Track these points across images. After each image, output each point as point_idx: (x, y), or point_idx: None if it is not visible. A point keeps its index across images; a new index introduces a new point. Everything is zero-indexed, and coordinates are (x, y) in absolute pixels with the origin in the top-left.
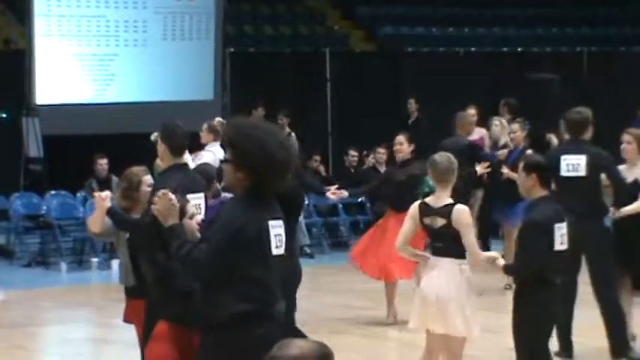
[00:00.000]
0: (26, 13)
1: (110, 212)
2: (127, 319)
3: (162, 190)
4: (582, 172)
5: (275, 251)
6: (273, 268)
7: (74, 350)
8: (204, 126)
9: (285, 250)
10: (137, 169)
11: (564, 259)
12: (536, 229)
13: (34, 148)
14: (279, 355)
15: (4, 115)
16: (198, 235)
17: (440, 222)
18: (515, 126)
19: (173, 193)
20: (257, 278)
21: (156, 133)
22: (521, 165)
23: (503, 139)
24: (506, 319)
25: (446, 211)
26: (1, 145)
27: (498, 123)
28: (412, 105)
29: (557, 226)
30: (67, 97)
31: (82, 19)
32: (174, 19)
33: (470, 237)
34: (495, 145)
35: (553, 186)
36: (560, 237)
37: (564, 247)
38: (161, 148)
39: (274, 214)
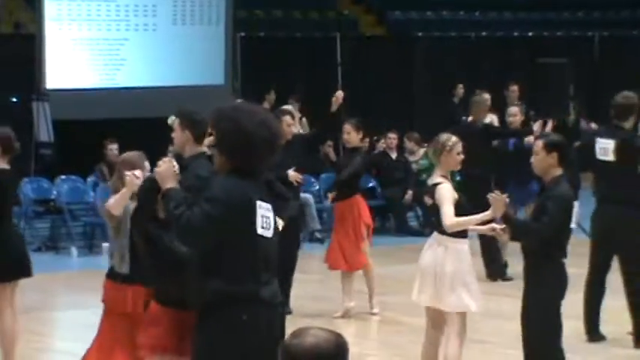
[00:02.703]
0: None
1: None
2: (104, 299)
3: (167, 158)
4: (610, 156)
5: (261, 231)
6: (259, 247)
7: (86, 335)
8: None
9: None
10: (137, 156)
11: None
12: (563, 204)
13: (44, 132)
14: (294, 344)
15: (14, 100)
16: None
17: (429, 201)
18: (515, 109)
19: None
20: (243, 258)
21: (173, 117)
22: (540, 143)
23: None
24: (517, 305)
25: (432, 190)
26: (11, 129)
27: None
28: (460, 90)
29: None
30: (77, 82)
31: (91, 3)
32: (184, 3)
33: (444, 208)
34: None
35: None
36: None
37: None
38: (184, 135)
39: (261, 196)
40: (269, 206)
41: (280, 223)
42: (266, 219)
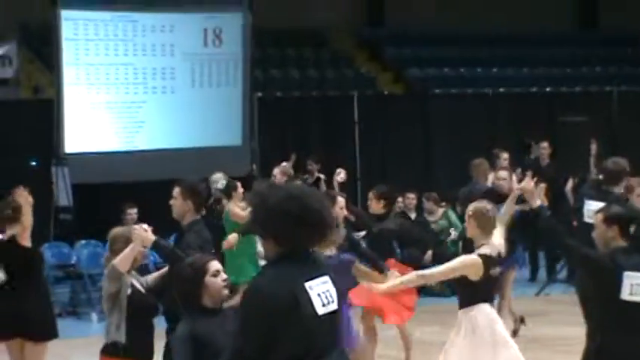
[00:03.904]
0: (55, 61)
1: (157, 244)
2: None
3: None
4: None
5: (322, 310)
6: (319, 329)
7: None
8: (276, 171)
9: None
10: (126, 230)
11: None
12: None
13: (63, 197)
14: None
15: (33, 164)
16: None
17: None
18: (504, 173)
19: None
20: (306, 342)
21: (223, 181)
22: (601, 216)
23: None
24: None
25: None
26: (32, 194)
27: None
28: (545, 148)
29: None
30: (96, 146)
31: (110, 67)
32: (202, 66)
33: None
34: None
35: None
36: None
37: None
38: (185, 205)
39: (312, 274)
40: (324, 279)
41: None
42: (326, 293)
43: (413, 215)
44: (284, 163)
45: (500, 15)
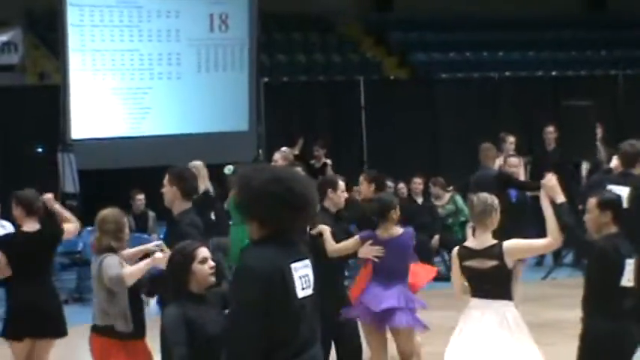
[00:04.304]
0: (60, 47)
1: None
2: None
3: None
4: (624, 204)
5: (302, 293)
6: (299, 313)
7: None
8: (277, 156)
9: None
10: (118, 212)
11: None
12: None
13: (69, 183)
14: None
15: (39, 151)
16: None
17: (489, 263)
18: (514, 160)
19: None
20: (290, 326)
21: (230, 167)
22: (594, 201)
23: None
24: None
25: (494, 251)
26: (37, 180)
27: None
28: (552, 132)
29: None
30: (103, 132)
31: (116, 53)
32: (207, 51)
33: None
34: None
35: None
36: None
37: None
38: (171, 191)
39: (295, 257)
40: (306, 262)
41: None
42: (305, 278)
43: (420, 200)
44: (284, 148)
45: None
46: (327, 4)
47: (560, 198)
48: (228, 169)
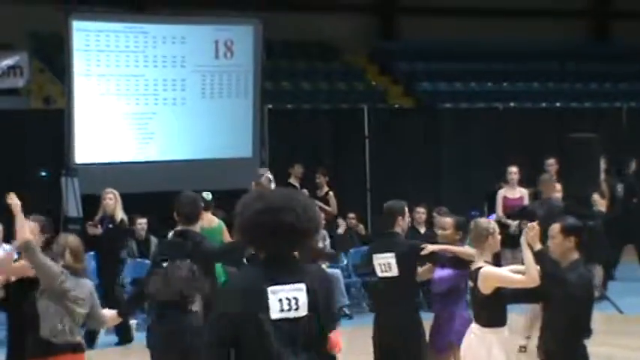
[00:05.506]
0: (66, 72)
1: None
2: None
3: None
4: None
5: (278, 315)
6: (270, 333)
7: None
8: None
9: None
10: (72, 236)
11: None
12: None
13: (73, 208)
14: None
15: (43, 174)
16: None
17: (470, 284)
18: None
19: None
20: (251, 350)
21: (208, 193)
22: (558, 227)
23: None
24: None
25: (473, 274)
26: (41, 204)
27: None
28: (552, 165)
29: None
30: (107, 156)
31: (121, 78)
32: (212, 77)
33: (511, 277)
34: None
35: None
36: None
37: None
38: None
39: (282, 280)
40: (298, 286)
41: None
42: (290, 299)
43: (422, 229)
44: (262, 170)
45: (511, 30)
46: (333, 32)
47: (538, 246)
48: (207, 194)
